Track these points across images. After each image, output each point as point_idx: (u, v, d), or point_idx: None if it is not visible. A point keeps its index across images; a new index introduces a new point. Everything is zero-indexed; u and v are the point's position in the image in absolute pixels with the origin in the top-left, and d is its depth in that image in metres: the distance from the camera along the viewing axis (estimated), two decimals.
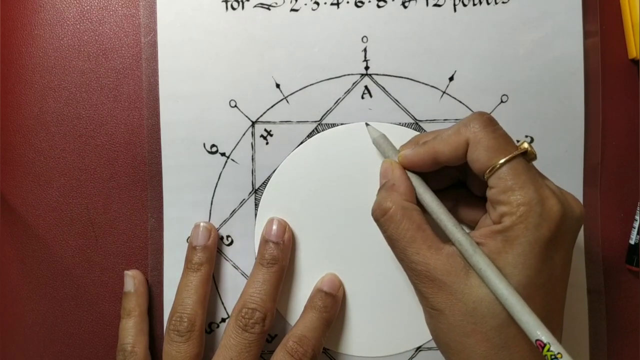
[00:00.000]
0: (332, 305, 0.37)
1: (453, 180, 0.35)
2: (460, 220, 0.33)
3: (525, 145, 0.30)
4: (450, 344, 0.30)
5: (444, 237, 0.31)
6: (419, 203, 0.32)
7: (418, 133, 0.39)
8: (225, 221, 0.39)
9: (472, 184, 0.34)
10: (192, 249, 0.38)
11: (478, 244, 0.29)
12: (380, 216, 0.32)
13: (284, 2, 0.39)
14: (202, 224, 0.38)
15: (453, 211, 0.34)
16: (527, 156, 0.30)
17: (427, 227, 0.31)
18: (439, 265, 0.30)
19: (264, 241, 0.37)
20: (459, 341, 0.29)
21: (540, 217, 0.28)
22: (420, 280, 0.30)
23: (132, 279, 0.38)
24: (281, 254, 0.37)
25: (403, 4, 0.39)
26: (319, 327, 0.36)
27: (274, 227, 0.38)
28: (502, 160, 0.29)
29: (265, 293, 0.36)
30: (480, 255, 0.29)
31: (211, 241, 0.38)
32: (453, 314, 0.29)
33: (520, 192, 0.28)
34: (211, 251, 0.38)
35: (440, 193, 0.33)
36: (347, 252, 0.39)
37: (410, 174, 0.33)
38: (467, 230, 0.31)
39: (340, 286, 0.38)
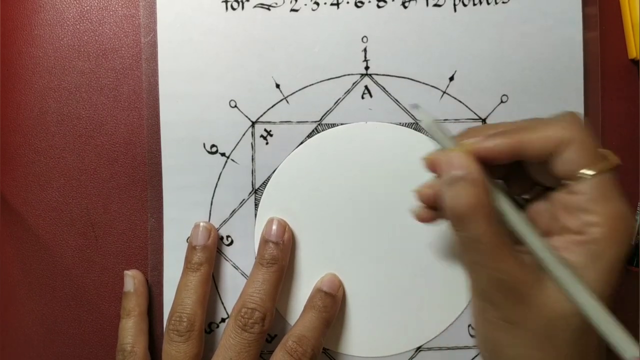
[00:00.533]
0: (332, 305, 0.37)
1: (500, 176, 0.32)
2: None
3: (612, 156, 0.28)
4: (516, 359, 0.28)
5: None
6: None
7: (419, 134, 0.39)
8: (225, 221, 0.39)
9: (535, 172, 0.30)
10: (191, 248, 0.38)
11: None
12: (461, 213, 0.28)
13: (284, 2, 0.39)
14: (202, 223, 0.38)
15: None
16: (615, 165, 0.28)
17: (506, 231, 0.28)
18: (521, 275, 0.27)
19: (264, 241, 0.37)
20: (528, 355, 0.28)
21: (627, 233, 0.27)
22: (499, 289, 0.27)
23: (132, 279, 0.38)
24: (281, 254, 0.37)
25: (403, 4, 0.39)
26: (319, 326, 0.36)
27: (274, 227, 0.38)
28: (597, 169, 0.27)
29: (264, 293, 0.36)
30: (565, 269, 0.27)
31: (211, 241, 0.38)
32: (527, 327, 0.27)
33: (614, 203, 0.27)
34: (211, 251, 0.38)
35: None
36: (347, 252, 0.39)
37: None
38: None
39: (340, 286, 0.38)
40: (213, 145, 0.39)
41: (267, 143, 0.39)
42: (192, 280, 0.37)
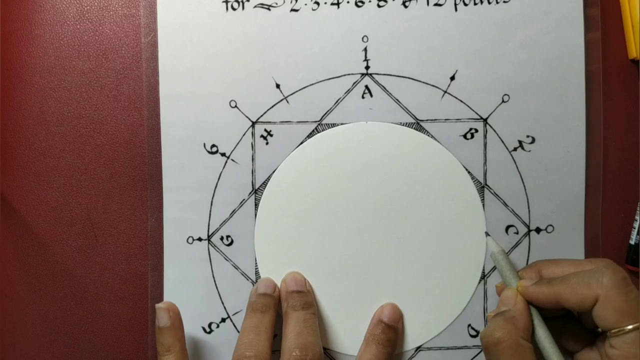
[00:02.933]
0: (395, 338, 0.38)
1: (565, 311, 0.35)
2: (561, 348, 0.34)
3: None
4: None
5: None
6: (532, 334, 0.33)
7: (420, 134, 0.39)
8: (225, 221, 0.39)
9: (586, 320, 0.34)
10: (257, 295, 0.37)
11: None
12: (491, 345, 0.32)
13: (284, 2, 0.39)
14: (268, 278, 0.38)
15: (558, 338, 0.34)
16: None
17: None
18: None
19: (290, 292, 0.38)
20: None
21: None
22: None
23: (166, 312, 0.36)
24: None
25: (403, 3, 0.39)
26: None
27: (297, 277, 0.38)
28: (630, 327, 0.29)
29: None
30: None
31: (276, 293, 0.38)
32: None
33: None
34: (276, 300, 0.37)
35: (549, 320, 0.34)
36: (347, 252, 0.39)
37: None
38: None
39: (400, 317, 0.39)
40: (213, 145, 0.39)
41: (267, 143, 0.39)
42: (263, 320, 0.36)
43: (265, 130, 0.39)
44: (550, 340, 0.33)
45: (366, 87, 0.39)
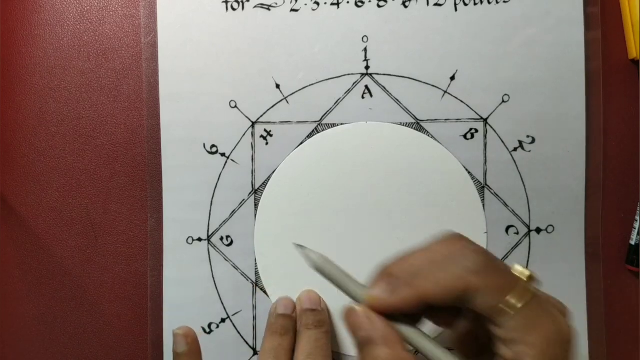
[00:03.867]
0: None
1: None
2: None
3: (526, 271, 0.27)
4: None
5: None
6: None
7: (420, 134, 0.39)
8: (225, 221, 0.39)
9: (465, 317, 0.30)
10: (276, 316, 0.37)
11: None
12: None
13: (284, 2, 0.39)
14: (287, 297, 0.38)
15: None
16: (532, 280, 0.27)
17: None
18: None
19: (303, 310, 0.37)
20: None
21: (561, 346, 0.26)
22: None
23: (183, 339, 0.35)
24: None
25: (403, 3, 0.39)
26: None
27: (309, 295, 0.38)
28: (516, 304, 0.26)
29: None
30: None
31: (294, 314, 0.37)
32: None
33: (542, 328, 0.26)
34: (294, 322, 0.37)
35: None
36: (346, 252, 0.39)
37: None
38: None
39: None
40: (213, 146, 0.39)
41: (267, 143, 0.39)
42: (282, 343, 0.36)
43: (265, 130, 0.39)
44: (441, 348, 0.28)
45: (366, 87, 0.39)
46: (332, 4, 0.39)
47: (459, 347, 0.31)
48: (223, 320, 0.39)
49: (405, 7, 0.39)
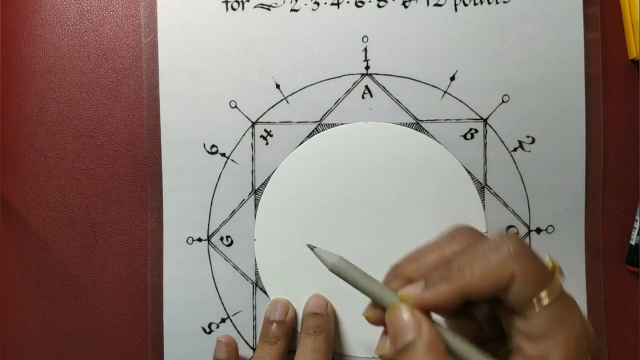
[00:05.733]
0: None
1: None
2: None
3: (556, 262, 0.27)
4: None
5: None
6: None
7: (420, 134, 0.39)
8: (225, 221, 0.39)
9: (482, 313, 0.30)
10: (268, 323, 0.37)
11: None
12: None
13: (284, 2, 0.39)
14: (281, 299, 0.38)
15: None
16: (561, 273, 0.27)
17: None
18: None
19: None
20: None
21: (587, 344, 0.26)
22: None
23: (225, 347, 0.38)
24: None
25: (404, 3, 0.39)
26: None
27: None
28: (545, 298, 0.25)
29: None
30: None
31: (288, 318, 0.38)
32: None
33: (570, 325, 0.26)
34: (288, 327, 0.37)
35: None
36: (346, 252, 0.39)
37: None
38: None
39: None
40: (213, 146, 0.39)
41: (267, 143, 0.39)
42: (270, 353, 0.36)
43: (265, 130, 0.39)
44: (476, 348, 0.26)
45: (366, 87, 0.39)
46: (332, 4, 0.39)
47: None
48: (223, 320, 0.39)
49: (405, 7, 0.39)
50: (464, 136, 0.39)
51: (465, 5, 0.39)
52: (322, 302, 0.38)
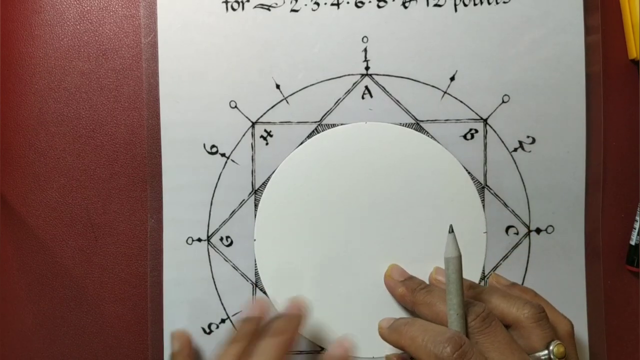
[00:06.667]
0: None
1: None
2: None
3: (560, 349, 0.31)
4: None
5: None
6: None
7: (420, 134, 0.39)
8: (224, 222, 0.39)
9: None
10: (242, 320, 0.36)
11: None
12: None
13: (284, 2, 0.39)
14: (258, 297, 0.38)
15: None
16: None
17: None
18: None
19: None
20: None
21: None
22: None
23: (177, 340, 0.39)
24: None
25: (403, 4, 0.39)
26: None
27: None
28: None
29: None
30: None
31: (262, 317, 0.36)
32: None
33: None
34: (256, 324, 0.35)
35: None
36: (346, 252, 0.39)
37: None
38: None
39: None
40: (213, 146, 0.39)
41: (267, 143, 0.39)
42: (228, 350, 0.34)
43: (265, 130, 0.39)
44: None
45: (366, 87, 0.39)
46: (332, 5, 0.39)
47: None
48: (223, 321, 0.39)
49: (405, 7, 0.39)
50: (464, 136, 0.39)
51: (465, 5, 0.39)
52: (296, 303, 0.37)
